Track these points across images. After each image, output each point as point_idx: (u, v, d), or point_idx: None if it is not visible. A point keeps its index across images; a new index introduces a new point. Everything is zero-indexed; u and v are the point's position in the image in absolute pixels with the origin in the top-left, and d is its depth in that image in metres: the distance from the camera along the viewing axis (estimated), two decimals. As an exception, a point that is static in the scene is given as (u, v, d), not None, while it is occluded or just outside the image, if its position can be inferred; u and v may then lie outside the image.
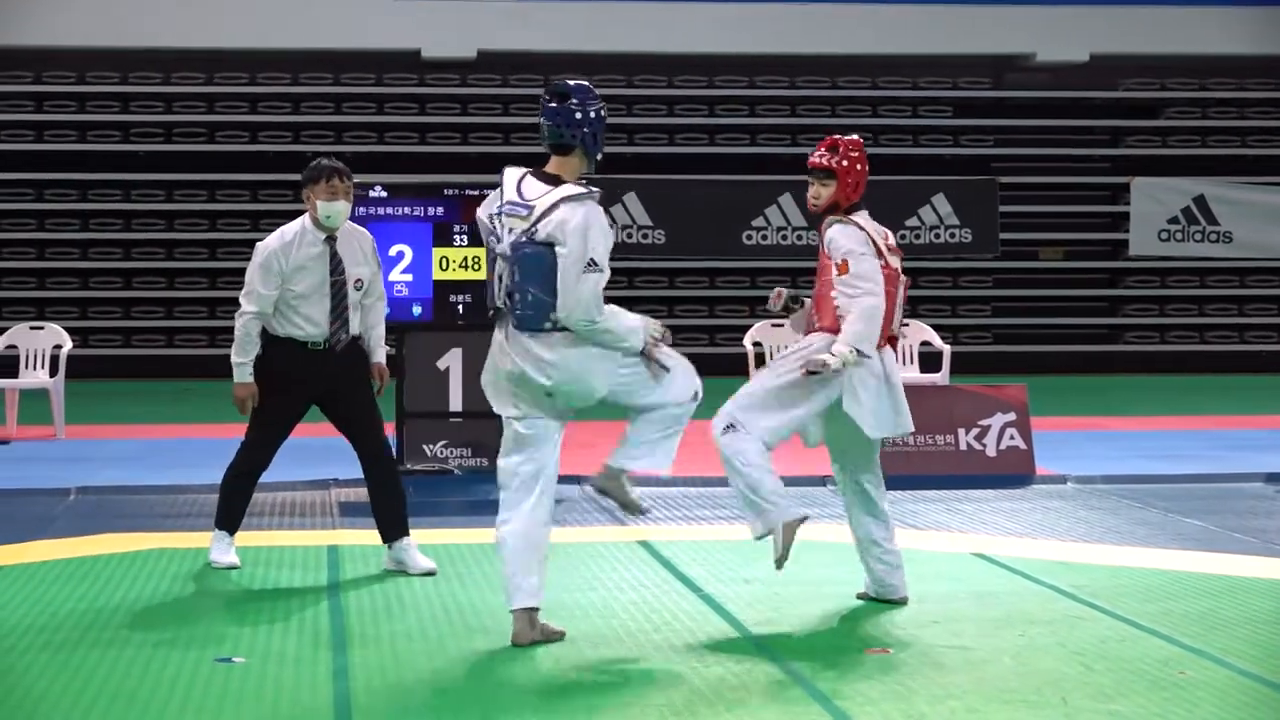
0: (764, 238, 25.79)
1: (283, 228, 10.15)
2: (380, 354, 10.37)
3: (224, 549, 10.26)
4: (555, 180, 8.14)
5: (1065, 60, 27.66)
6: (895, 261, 9.34)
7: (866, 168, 9.25)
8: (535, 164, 8.34)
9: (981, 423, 14.06)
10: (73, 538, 11.34)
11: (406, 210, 13.75)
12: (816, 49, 27.16)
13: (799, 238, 25.92)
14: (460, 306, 13.77)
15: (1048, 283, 27.81)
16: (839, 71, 27.74)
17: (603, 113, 8.30)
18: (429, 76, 27.28)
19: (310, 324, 10.03)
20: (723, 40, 26.91)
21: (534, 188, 8.13)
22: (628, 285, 26.11)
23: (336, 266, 10.05)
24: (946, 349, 18.03)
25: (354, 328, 10.14)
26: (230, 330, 9.93)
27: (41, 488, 13.45)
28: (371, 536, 11.36)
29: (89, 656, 7.97)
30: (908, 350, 18.23)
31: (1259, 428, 17.60)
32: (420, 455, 13.89)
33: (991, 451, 14.12)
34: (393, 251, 13.63)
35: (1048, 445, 14.94)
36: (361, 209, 13.72)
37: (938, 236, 26.26)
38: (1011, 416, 14.19)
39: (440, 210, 13.79)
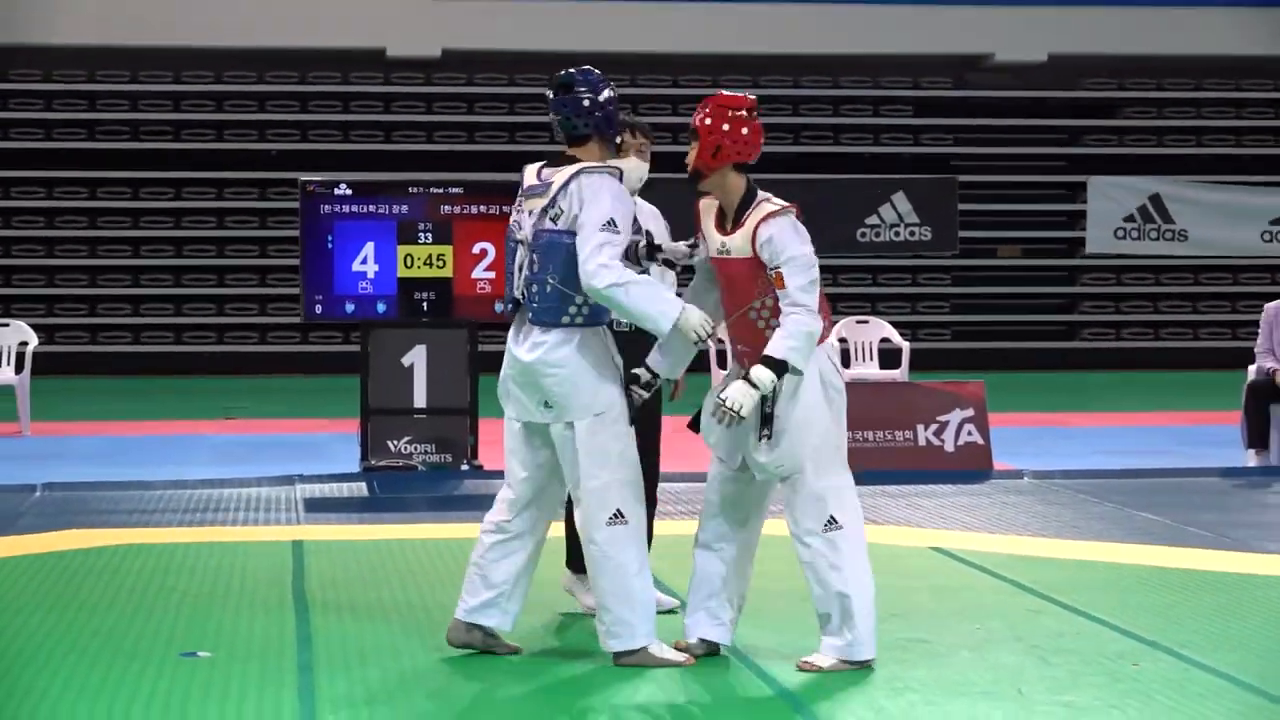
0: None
1: None
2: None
3: (585, 590, 8.81)
4: (573, 161, 7.82)
5: (1024, 60, 27.74)
6: None
7: (742, 131, 7.72)
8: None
9: (940, 419, 14.10)
10: (39, 534, 11.31)
11: (371, 208, 13.75)
12: (780, 49, 27.20)
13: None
14: (424, 303, 13.78)
15: (1006, 280, 27.89)
16: (802, 71, 27.78)
17: (612, 94, 7.96)
18: (394, 75, 27.24)
19: None
20: (687, 40, 26.94)
21: (551, 172, 7.81)
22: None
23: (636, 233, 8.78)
24: (905, 346, 18.07)
25: None
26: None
27: (7, 484, 13.41)
28: (335, 532, 11.38)
29: (55, 650, 7.96)
30: (867, 347, 18.28)
31: (1213, 423, 17.67)
32: (385, 451, 13.89)
33: (950, 447, 14.17)
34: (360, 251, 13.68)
35: (1005, 441, 14.99)
36: (326, 206, 13.74)
37: (898, 234, 26.33)
38: (970, 413, 14.23)
39: (405, 208, 13.79)
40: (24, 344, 17.63)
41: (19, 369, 17.43)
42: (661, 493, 13.18)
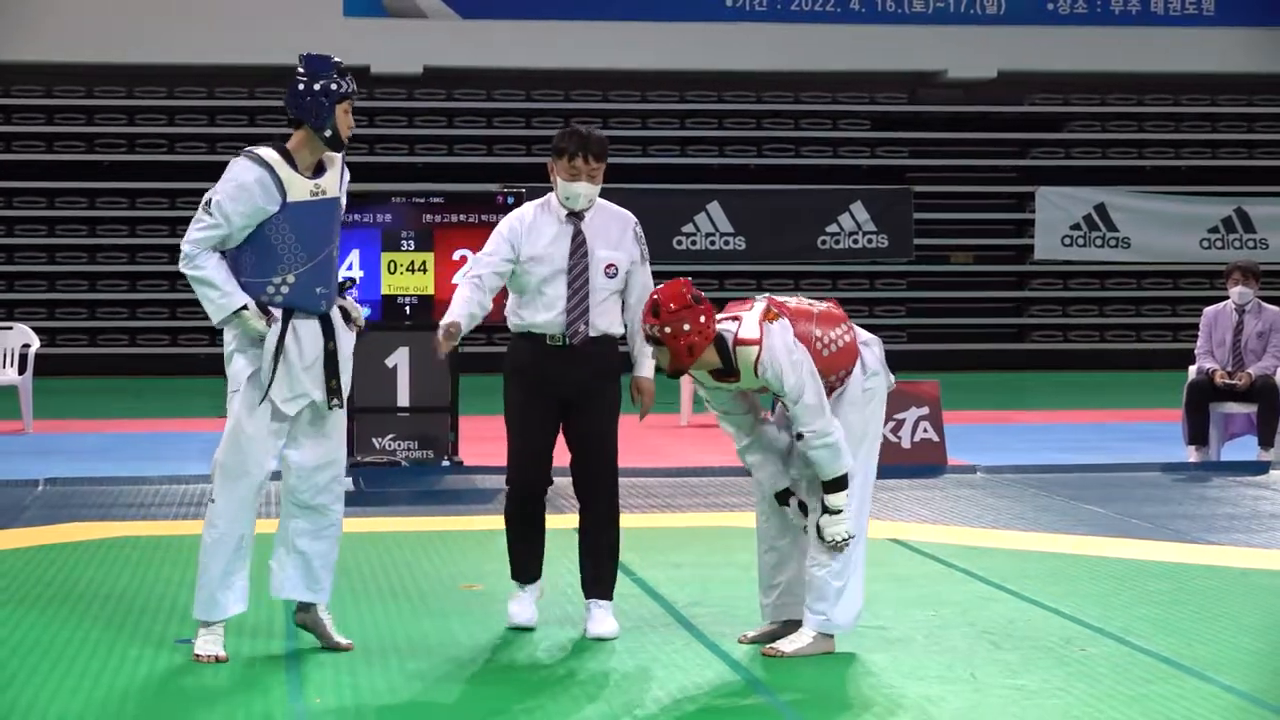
0: (694, 243, 25.87)
1: (528, 203, 8.28)
2: (645, 366, 8.10)
3: (520, 602, 8.25)
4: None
5: (975, 77, 27.79)
6: (809, 303, 7.98)
7: (700, 319, 7.48)
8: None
9: (897, 416, 14.10)
10: (41, 526, 11.28)
11: (357, 217, 13.70)
12: (742, 65, 27.22)
13: (725, 243, 25.98)
14: (407, 307, 13.75)
15: (958, 285, 27.94)
16: (763, 87, 27.80)
17: (332, 87, 7.57)
18: (378, 91, 27.20)
19: (549, 313, 8.04)
20: (653, 57, 26.94)
21: None
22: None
23: (579, 248, 8.07)
24: (864, 347, 18.05)
25: (605, 324, 8.09)
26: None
27: (11, 479, 13.36)
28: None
29: (57, 636, 7.94)
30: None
31: (1154, 420, 17.71)
32: (370, 448, 13.87)
33: (906, 443, 14.17)
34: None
35: (959, 437, 15.02)
36: (314, 216, 13.68)
37: (856, 242, 26.40)
38: (925, 411, 14.24)
39: (388, 217, 13.76)
40: (26, 346, 17.59)
41: (22, 370, 17.38)
42: (639, 487, 13.21)
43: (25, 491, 12.91)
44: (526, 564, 8.25)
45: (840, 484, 7.57)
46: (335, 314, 7.72)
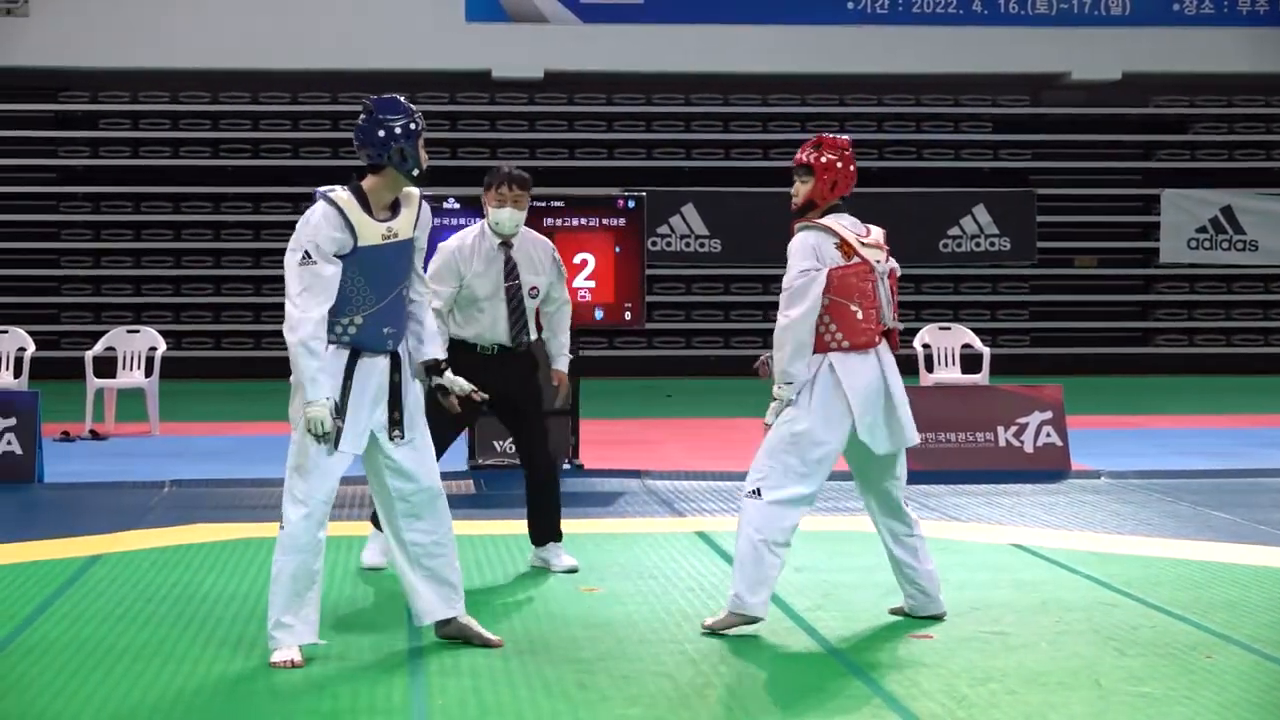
0: (814, 246, 25.81)
1: (463, 231, 9.79)
2: (562, 361, 9.93)
3: (373, 549, 9.98)
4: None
5: (1099, 78, 27.54)
6: (872, 254, 8.26)
7: (850, 169, 8.33)
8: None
9: (1020, 421, 14.02)
10: (167, 528, 11.42)
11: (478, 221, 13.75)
12: (863, 68, 27.11)
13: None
14: (528, 311, 13.80)
15: (1082, 288, 27.71)
16: (885, 89, 27.70)
17: (412, 126, 7.67)
18: (499, 95, 27.33)
19: (486, 328, 9.64)
20: (774, 60, 26.89)
21: None
22: (685, 291, 26.11)
23: (511, 272, 9.62)
24: (986, 351, 17.98)
25: (532, 332, 9.74)
26: None
27: (138, 480, 13.57)
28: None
29: (183, 636, 8.03)
30: (949, 353, 18.19)
31: (1283, 426, 17.52)
32: (491, 451, 13.94)
33: (1029, 448, 14.09)
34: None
35: (1082, 442, 14.90)
36: (436, 219, 13.74)
37: (978, 245, 26.26)
38: (1048, 415, 14.15)
39: (510, 221, 13.80)
40: (153, 349, 17.83)
41: (149, 373, 17.61)
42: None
43: (151, 493, 13.08)
44: None
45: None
46: (403, 349, 7.76)
